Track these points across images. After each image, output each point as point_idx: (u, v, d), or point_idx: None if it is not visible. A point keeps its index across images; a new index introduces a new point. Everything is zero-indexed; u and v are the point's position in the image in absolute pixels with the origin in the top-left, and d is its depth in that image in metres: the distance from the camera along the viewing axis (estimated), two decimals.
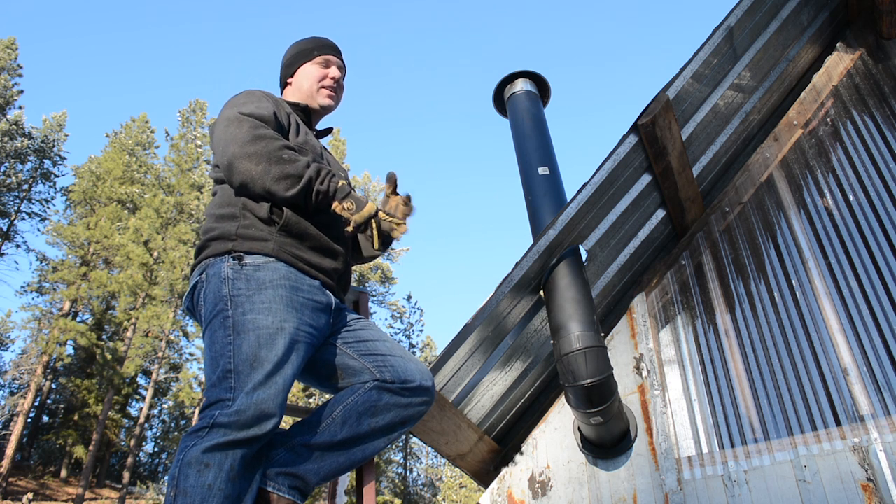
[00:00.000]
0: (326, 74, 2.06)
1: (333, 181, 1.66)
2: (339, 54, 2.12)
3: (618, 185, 3.66)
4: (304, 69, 2.06)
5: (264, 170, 1.59)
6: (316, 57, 2.06)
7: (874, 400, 3.08)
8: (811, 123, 4.32)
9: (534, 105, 4.60)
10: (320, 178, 1.64)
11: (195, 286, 1.67)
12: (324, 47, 2.09)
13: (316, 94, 2.04)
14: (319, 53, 2.07)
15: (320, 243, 1.74)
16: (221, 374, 1.48)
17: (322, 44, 2.10)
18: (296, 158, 1.63)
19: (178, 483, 1.35)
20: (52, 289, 27.04)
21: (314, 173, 1.63)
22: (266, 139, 1.63)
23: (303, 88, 2.05)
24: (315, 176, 1.63)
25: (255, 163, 1.59)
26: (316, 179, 1.63)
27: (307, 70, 2.06)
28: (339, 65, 2.10)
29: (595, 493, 3.59)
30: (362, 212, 1.67)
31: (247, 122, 1.66)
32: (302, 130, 1.90)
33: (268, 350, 1.50)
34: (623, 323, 4.10)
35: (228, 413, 1.41)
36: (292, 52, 2.11)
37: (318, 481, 1.60)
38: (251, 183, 1.60)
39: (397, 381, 1.68)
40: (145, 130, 32.31)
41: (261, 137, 1.62)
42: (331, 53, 2.09)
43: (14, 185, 27.17)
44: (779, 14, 4.11)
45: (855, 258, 3.57)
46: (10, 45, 27.77)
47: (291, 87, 2.08)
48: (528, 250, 3.46)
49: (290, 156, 1.62)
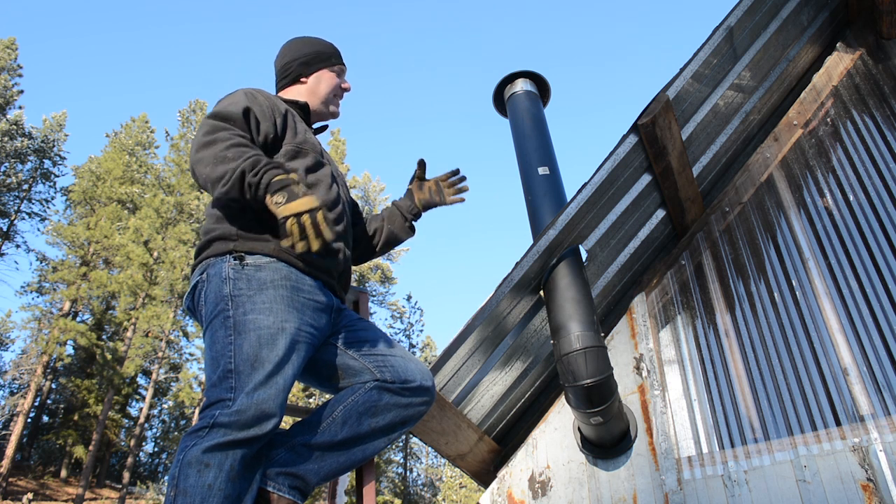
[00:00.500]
0: (340, 85, 2.10)
1: (269, 173, 1.49)
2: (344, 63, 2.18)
3: (618, 185, 3.66)
4: (324, 75, 2.08)
5: (209, 172, 1.52)
6: (335, 65, 2.10)
7: (874, 400, 3.08)
8: (811, 123, 4.32)
9: (534, 105, 4.60)
10: (254, 170, 1.50)
11: (196, 286, 1.67)
12: (339, 56, 2.13)
13: (330, 101, 2.07)
14: (337, 62, 2.11)
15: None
16: (222, 373, 1.48)
17: (337, 52, 2.14)
18: (238, 156, 1.52)
19: (178, 483, 1.35)
20: (52, 289, 27.04)
21: (248, 166, 1.50)
22: (216, 143, 1.55)
23: (319, 93, 2.06)
24: (249, 169, 1.49)
25: (203, 166, 1.54)
26: (249, 172, 1.49)
27: (326, 76, 2.07)
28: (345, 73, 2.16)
29: (595, 493, 3.59)
30: (290, 205, 1.44)
31: (204, 126, 1.62)
32: (301, 129, 1.89)
33: (269, 350, 1.50)
34: (623, 323, 4.10)
35: (229, 413, 1.41)
36: (308, 51, 2.09)
37: (319, 481, 1.60)
38: (206, 188, 1.56)
39: (398, 381, 1.68)
40: (145, 130, 32.32)
41: (211, 142, 1.56)
42: (343, 63, 2.14)
43: (14, 185, 27.18)
44: (779, 14, 4.11)
45: (855, 258, 3.57)
46: (10, 45, 27.77)
47: (304, 87, 2.06)
48: (528, 250, 3.46)
49: (234, 153, 1.52)
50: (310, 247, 1.45)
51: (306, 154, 1.84)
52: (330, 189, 1.85)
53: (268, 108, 1.80)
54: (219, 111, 1.67)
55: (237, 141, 1.56)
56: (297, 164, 1.80)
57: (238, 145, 1.55)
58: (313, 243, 1.45)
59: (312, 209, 1.45)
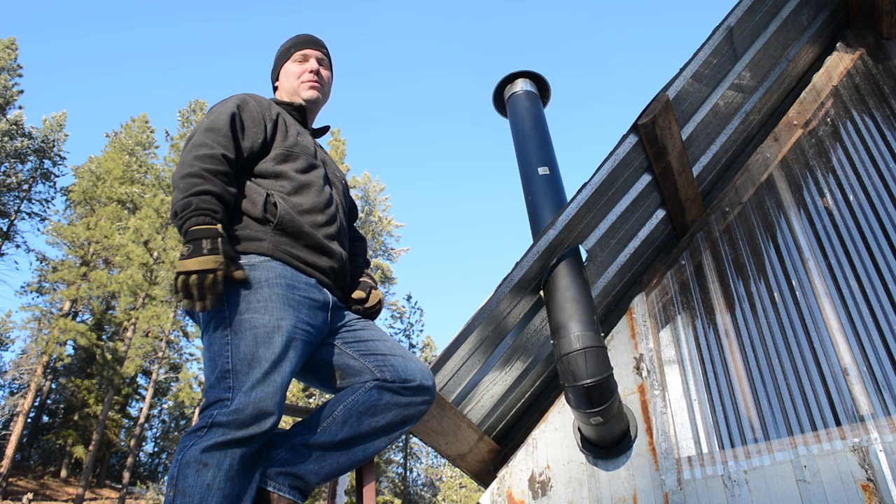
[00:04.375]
0: (304, 69, 2.08)
1: (190, 221, 1.52)
2: (317, 46, 2.14)
3: (618, 185, 3.66)
4: (285, 69, 2.11)
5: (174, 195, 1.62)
6: (293, 54, 2.10)
7: (874, 400, 3.08)
8: (811, 123, 4.32)
9: (534, 105, 4.60)
10: (182, 213, 1.54)
11: None
12: (299, 43, 2.12)
13: (298, 89, 2.07)
14: (296, 49, 2.11)
15: (315, 241, 1.75)
16: (220, 374, 1.48)
17: (298, 40, 2.14)
18: (186, 188, 1.56)
19: (177, 483, 1.36)
20: (52, 289, 27.04)
21: (180, 207, 1.55)
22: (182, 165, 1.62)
23: (286, 87, 2.09)
24: (179, 210, 1.55)
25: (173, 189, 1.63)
26: (178, 213, 1.55)
27: (287, 69, 2.10)
28: (319, 56, 2.12)
29: (595, 493, 3.59)
30: (186, 261, 1.47)
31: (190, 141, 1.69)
32: (293, 132, 1.90)
33: (265, 348, 1.50)
34: (623, 323, 4.10)
35: (227, 412, 1.41)
36: (276, 55, 2.17)
37: (319, 481, 1.60)
38: None
39: (398, 381, 1.68)
40: (145, 130, 32.31)
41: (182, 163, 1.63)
42: (307, 47, 2.11)
43: (14, 185, 27.17)
44: (779, 14, 4.11)
45: (855, 258, 3.57)
46: (10, 45, 27.77)
47: (279, 89, 2.12)
48: (528, 250, 3.46)
49: (185, 184, 1.58)
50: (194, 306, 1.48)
51: (297, 157, 1.85)
52: (322, 191, 1.86)
53: (258, 113, 1.83)
54: (208, 124, 1.71)
55: (194, 170, 1.59)
56: (286, 168, 1.81)
57: (191, 175, 1.59)
58: (195, 304, 1.47)
59: (203, 271, 1.46)
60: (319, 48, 2.13)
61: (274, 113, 1.89)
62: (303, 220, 1.74)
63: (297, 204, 1.77)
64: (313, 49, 2.11)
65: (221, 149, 1.66)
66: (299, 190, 1.80)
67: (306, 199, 1.80)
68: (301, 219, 1.74)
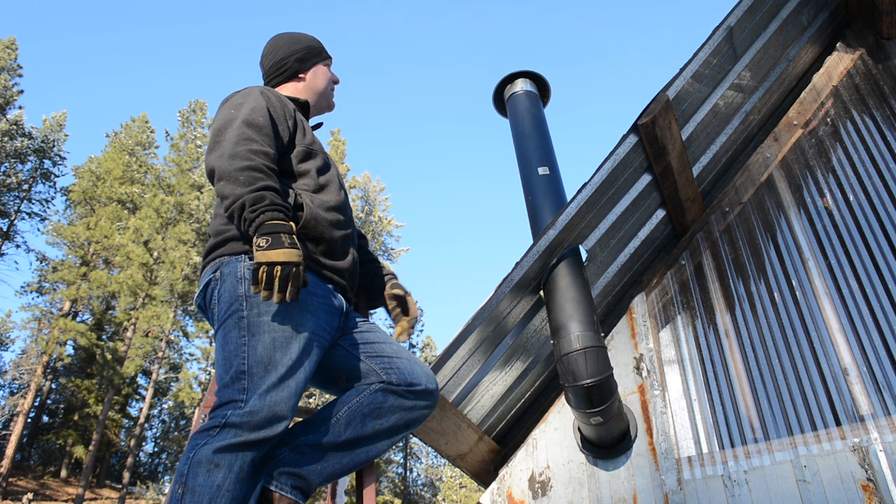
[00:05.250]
0: (332, 78, 2.12)
1: (265, 215, 1.47)
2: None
3: (618, 185, 3.66)
4: (320, 70, 2.09)
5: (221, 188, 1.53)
6: (327, 59, 2.12)
7: (874, 400, 3.08)
8: (811, 123, 4.32)
9: (534, 105, 4.60)
10: (254, 206, 1.48)
11: (208, 284, 1.66)
12: (325, 50, 2.15)
13: (329, 95, 2.10)
14: (328, 56, 2.13)
15: (334, 246, 1.74)
16: (235, 374, 1.48)
17: (324, 47, 2.16)
18: (249, 182, 1.51)
19: (186, 481, 1.35)
20: (52, 289, 27.03)
21: (250, 201, 1.49)
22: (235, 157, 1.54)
23: (317, 88, 2.07)
24: (250, 203, 1.48)
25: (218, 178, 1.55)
26: (248, 207, 1.49)
27: (322, 71, 2.09)
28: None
29: (595, 493, 3.59)
30: (269, 252, 1.42)
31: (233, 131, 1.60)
32: (309, 131, 1.90)
33: (282, 353, 1.50)
34: (623, 323, 4.10)
35: (241, 413, 1.41)
36: (301, 47, 2.08)
37: (321, 482, 1.60)
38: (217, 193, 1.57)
39: (403, 384, 1.68)
40: (145, 130, 32.30)
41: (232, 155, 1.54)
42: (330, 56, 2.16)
43: (14, 185, 27.17)
44: (779, 14, 4.11)
45: (855, 258, 3.57)
46: (10, 45, 27.75)
47: (302, 84, 2.05)
48: (528, 250, 3.46)
49: (246, 178, 1.51)
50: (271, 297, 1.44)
51: (316, 155, 1.84)
52: (339, 190, 1.85)
53: (280, 109, 1.78)
54: (247, 118, 1.63)
55: (254, 164, 1.54)
56: (309, 166, 1.79)
57: (253, 168, 1.53)
58: (275, 296, 1.44)
59: (288, 263, 1.43)
60: None
61: (291, 108, 1.86)
62: (328, 217, 1.73)
63: (324, 201, 1.75)
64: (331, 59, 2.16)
65: (270, 147, 1.61)
66: (321, 189, 1.78)
67: (330, 197, 1.78)
68: (327, 216, 1.72)
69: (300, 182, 1.76)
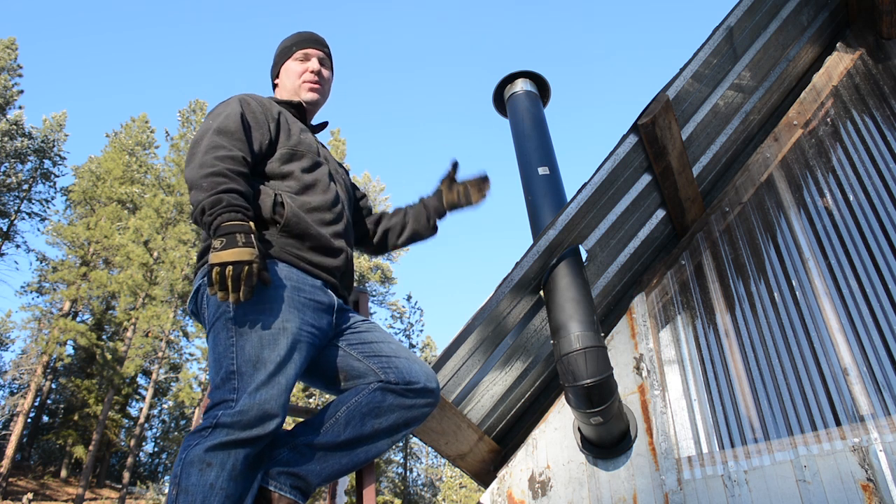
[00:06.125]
0: (306, 68, 2.06)
1: (222, 217, 1.50)
2: (319, 45, 2.11)
3: (618, 185, 3.66)
4: (286, 67, 2.08)
5: (190, 196, 1.59)
6: (294, 52, 2.08)
7: (874, 400, 3.08)
8: (811, 123, 4.32)
9: (534, 105, 4.60)
10: (211, 210, 1.51)
11: (199, 289, 1.68)
12: (301, 41, 2.09)
13: (299, 89, 2.05)
14: (298, 48, 2.08)
15: (321, 242, 1.74)
16: (225, 375, 1.49)
17: (300, 38, 2.11)
18: (211, 187, 1.54)
19: (179, 481, 1.36)
20: (52, 289, 27.03)
21: (209, 204, 1.52)
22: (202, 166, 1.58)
23: (287, 86, 2.07)
24: (208, 207, 1.52)
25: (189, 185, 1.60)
26: (207, 210, 1.52)
27: (288, 67, 2.08)
28: (321, 56, 2.10)
29: (595, 493, 3.59)
30: (221, 253, 1.44)
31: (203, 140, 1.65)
32: (295, 130, 1.90)
33: (270, 350, 1.50)
34: (623, 323, 4.10)
35: (231, 413, 1.42)
36: (276, 51, 2.14)
37: (321, 482, 1.60)
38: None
39: (401, 383, 1.68)
40: (145, 130, 32.31)
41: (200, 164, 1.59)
42: (309, 46, 2.09)
43: (14, 185, 27.17)
44: (779, 14, 4.11)
45: (855, 258, 3.57)
46: (10, 45, 27.76)
47: (279, 87, 2.10)
48: (528, 250, 3.46)
49: (208, 183, 1.55)
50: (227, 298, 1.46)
51: (302, 156, 1.84)
52: (328, 189, 1.86)
53: (261, 114, 1.81)
54: (218, 126, 1.68)
55: (217, 169, 1.57)
56: (293, 167, 1.81)
57: (215, 174, 1.56)
58: (230, 296, 1.46)
59: (240, 262, 1.44)
60: (321, 47, 2.11)
61: (275, 112, 1.87)
62: (311, 217, 1.74)
63: (306, 202, 1.76)
64: (315, 48, 2.09)
65: (239, 151, 1.65)
66: (306, 189, 1.79)
67: (314, 198, 1.79)
68: (309, 217, 1.74)
69: (283, 183, 1.78)
